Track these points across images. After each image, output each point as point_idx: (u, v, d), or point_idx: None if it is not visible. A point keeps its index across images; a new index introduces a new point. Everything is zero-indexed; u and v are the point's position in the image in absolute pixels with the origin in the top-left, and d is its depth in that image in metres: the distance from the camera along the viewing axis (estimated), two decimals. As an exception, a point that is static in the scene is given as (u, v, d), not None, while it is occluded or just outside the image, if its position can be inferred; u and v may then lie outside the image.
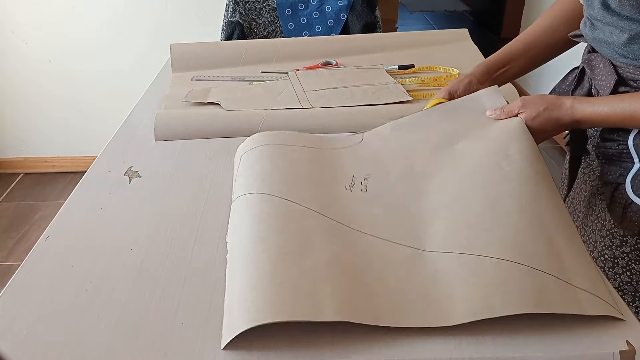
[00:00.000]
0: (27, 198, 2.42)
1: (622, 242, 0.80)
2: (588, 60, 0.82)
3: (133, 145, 0.93)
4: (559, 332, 0.53)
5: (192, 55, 1.26)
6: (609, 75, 0.77)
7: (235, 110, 1.01)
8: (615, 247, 0.81)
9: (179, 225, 0.71)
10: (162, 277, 0.62)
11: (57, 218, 0.74)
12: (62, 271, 0.64)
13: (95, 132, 2.48)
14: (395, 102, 1.02)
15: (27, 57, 2.34)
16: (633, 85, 0.75)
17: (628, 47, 0.73)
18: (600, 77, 0.78)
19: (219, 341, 0.53)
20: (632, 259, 0.80)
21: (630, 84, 0.75)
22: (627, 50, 0.73)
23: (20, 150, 2.56)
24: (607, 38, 0.76)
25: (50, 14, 2.26)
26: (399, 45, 1.32)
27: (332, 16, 1.77)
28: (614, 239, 0.81)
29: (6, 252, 2.08)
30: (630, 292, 0.82)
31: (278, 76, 1.20)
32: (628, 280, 0.81)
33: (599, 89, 0.78)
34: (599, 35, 0.77)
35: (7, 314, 0.58)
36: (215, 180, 0.81)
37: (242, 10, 1.76)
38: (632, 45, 0.72)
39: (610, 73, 0.76)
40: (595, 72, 0.79)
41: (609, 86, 0.76)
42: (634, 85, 0.74)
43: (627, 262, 0.80)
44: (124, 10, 2.27)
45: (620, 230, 0.79)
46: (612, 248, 0.81)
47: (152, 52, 2.30)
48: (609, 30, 0.75)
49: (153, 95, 1.15)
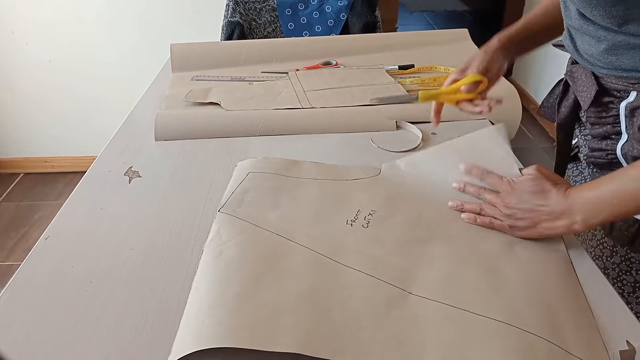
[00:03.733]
0: (27, 198, 2.42)
1: (612, 252, 0.78)
2: (570, 72, 0.80)
3: (133, 145, 0.93)
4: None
5: (192, 55, 1.26)
6: (590, 86, 0.74)
7: (235, 110, 1.01)
8: (605, 257, 0.79)
9: (179, 225, 0.71)
10: (162, 277, 0.62)
11: (57, 218, 0.74)
12: (62, 271, 0.64)
13: (96, 132, 2.48)
14: (395, 102, 1.02)
15: (27, 57, 2.34)
16: (616, 95, 0.72)
17: (605, 57, 0.70)
18: (582, 88, 0.76)
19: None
20: (623, 269, 0.78)
21: (613, 94, 0.72)
22: (605, 61, 0.70)
23: (21, 150, 2.56)
24: (585, 49, 0.74)
25: (50, 14, 2.26)
26: (399, 45, 1.32)
27: (332, 16, 1.77)
28: (604, 249, 0.79)
29: (6, 252, 2.08)
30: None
31: (278, 76, 1.20)
32: (619, 291, 0.79)
33: (581, 100, 0.76)
34: (578, 46, 0.75)
35: (7, 314, 0.58)
36: (215, 180, 0.81)
37: (242, 10, 1.76)
38: (609, 56, 0.69)
39: (591, 84, 0.74)
40: (577, 83, 0.77)
41: (590, 97, 0.74)
42: (617, 95, 0.72)
43: (618, 273, 0.78)
44: (124, 11, 2.27)
45: (611, 240, 0.78)
46: (603, 259, 0.80)
47: (152, 52, 2.30)
48: (587, 41, 0.72)
49: (153, 95, 1.15)
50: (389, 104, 0.76)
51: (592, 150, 0.78)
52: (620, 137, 0.73)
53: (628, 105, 0.70)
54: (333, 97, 1.06)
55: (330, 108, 1.02)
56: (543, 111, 0.92)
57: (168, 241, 0.68)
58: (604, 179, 0.61)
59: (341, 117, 0.98)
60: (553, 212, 0.63)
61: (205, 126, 0.96)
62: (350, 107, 1.02)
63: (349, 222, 0.68)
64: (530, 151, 2.62)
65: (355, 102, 1.03)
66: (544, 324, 0.53)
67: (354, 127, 0.96)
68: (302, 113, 1.00)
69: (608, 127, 0.74)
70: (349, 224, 0.68)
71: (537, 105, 2.85)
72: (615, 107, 0.73)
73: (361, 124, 0.96)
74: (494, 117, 0.97)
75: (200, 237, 0.68)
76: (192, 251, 0.66)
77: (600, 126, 0.76)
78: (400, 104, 1.01)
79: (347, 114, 0.99)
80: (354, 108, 1.01)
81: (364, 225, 0.68)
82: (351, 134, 0.94)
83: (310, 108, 1.02)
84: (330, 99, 1.05)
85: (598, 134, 0.77)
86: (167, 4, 2.27)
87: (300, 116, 0.99)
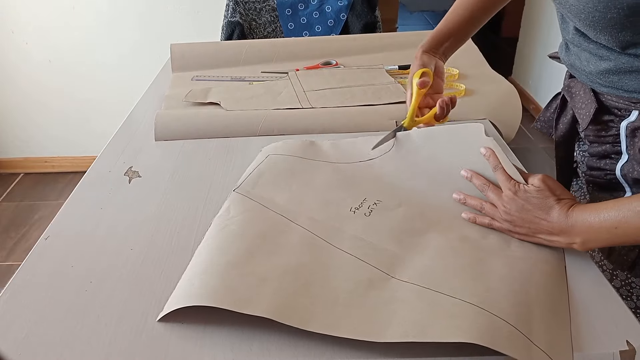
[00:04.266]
0: (27, 198, 2.42)
1: (612, 275, 0.75)
2: (568, 87, 0.77)
3: (133, 145, 0.93)
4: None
5: (192, 55, 1.26)
6: (588, 103, 0.71)
7: (235, 110, 1.01)
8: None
9: (179, 225, 0.71)
10: (162, 277, 0.62)
11: (57, 218, 0.74)
12: (62, 271, 0.64)
13: (96, 132, 2.48)
14: (395, 102, 1.02)
15: (27, 57, 2.34)
16: (617, 113, 0.69)
17: (606, 76, 0.67)
18: (580, 104, 0.73)
19: (218, 341, 0.53)
20: (623, 294, 0.74)
21: (613, 112, 0.69)
22: (606, 80, 0.67)
23: (21, 150, 2.56)
24: (584, 66, 0.70)
25: (50, 14, 2.26)
26: (399, 45, 1.32)
27: (332, 16, 1.77)
28: (604, 272, 0.76)
29: (6, 252, 2.08)
30: None
31: (278, 76, 1.20)
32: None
33: (579, 118, 0.73)
34: (575, 62, 0.72)
35: (7, 314, 0.58)
36: (215, 180, 0.81)
37: (242, 10, 1.76)
38: (611, 76, 0.66)
39: (590, 101, 0.71)
40: (575, 99, 0.74)
41: (589, 114, 0.71)
42: (618, 114, 0.69)
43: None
44: (124, 11, 2.27)
45: (610, 264, 0.75)
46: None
47: (152, 52, 2.30)
48: (586, 57, 0.69)
49: (153, 95, 1.15)
50: (384, 142, 0.77)
51: (590, 168, 0.76)
52: (620, 156, 0.70)
53: (629, 124, 0.68)
54: (333, 97, 1.06)
55: (330, 108, 1.02)
56: (539, 125, 0.88)
57: (168, 241, 0.68)
58: (608, 205, 0.58)
59: (341, 117, 0.98)
60: (553, 228, 0.61)
61: (205, 126, 0.96)
62: (350, 107, 1.02)
63: (353, 209, 0.71)
64: (530, 151, 2.62)
65: (355, 102, 1.03)
66: (515, 314, 0.53)
67: (354, 127, 0.96)
68: (302, 113, 1.00)
69: (607, 146, 0.72)
70: (352, 211, 0.70)
71: (537, 105, 2.84)
72: (615, 126, 0.70)
73: (361, 124, 0.96)
74: (495, 117, 0.97)
75: (200, 237, 0.68)
76: (192, 251, 0.66)
77: (599, 145, 0.73)
78: (400, 104, 1.01)
79: (347, 114, 0.99)
80: (354, 108, 1.01)
81: (366, 213, 0.70)
82: (351, 134, 0.94)
83: (310, 108, 1.02)
84: (330, 99, 1.05)
85: (597, 152, 0.74)
86: (167, 4, 2.27)
87: (300, 116, 0.99)
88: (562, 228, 0.61)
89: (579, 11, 0.62)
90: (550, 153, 2.54)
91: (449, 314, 0.53)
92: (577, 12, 0.63)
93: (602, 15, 0.60)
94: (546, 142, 2.65)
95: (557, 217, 0.61)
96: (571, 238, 0.61)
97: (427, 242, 0.65)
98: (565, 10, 0.66)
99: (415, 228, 0.67)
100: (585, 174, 0.78)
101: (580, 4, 0.61)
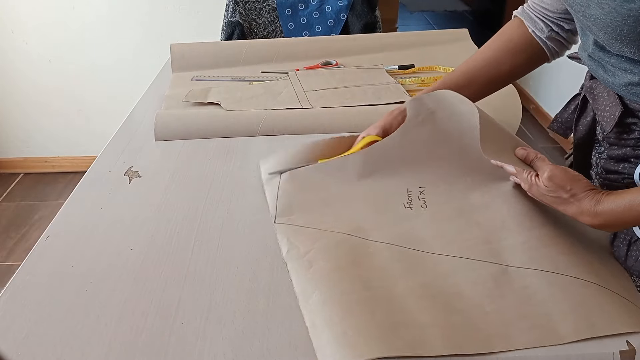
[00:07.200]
0: (27, 198, 2.42)
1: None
2: (590, 89, 0.74)
3: (133, 145, 0.93)
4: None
5: (192, 55, 1.26)
6: (613, 106, 0.69)
7: (235, 110, 1.01)
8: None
9: (179, 225, 0.71)
10: (162, 277, 0.62)
11: (57, 218, 0.74)
12: (62, 271, 0.64)
13: (96, 132, 2.48)
14: (395, 102, 1.02)
15: (27, 57, 2.34)
16: None
17: (631, 88, 0.65)
18: (604, 107, 0.70)
19: (218, 341, 0.53)
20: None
21: (637, 115, 0.67)
22: (630, 92, 0.65)
23: (21, 150, 2.56)
24: (605, 77, 0.68)
25: (50, 14, 2.26)
26: (399, 45, 1.32)
27: (332, 16, 1.77)
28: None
29: (6, 252, 2.08)
30: None
31: (278, 76, 1.20)
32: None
33: (602, 120, 0.71)
34: (598, 71, 0.69)
35: (7, 314, 0.58)
36: (215, 180, 0.81)
37: (242, 10, 1.76)
38: (634, 87, 0.64)
39: (615, 103, 0.68)
40: (598, 101, 0.72)
41: (614, 117, 0.68)
42: None
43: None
44: (124, 11, 2.27)
45: (624, 269, 0.72)
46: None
47: (152, 52, 2.30)
48: (609, 70, 0.67)
49: (153, 95, 1.15)
50: (389, 103, 0.75)
51: (607, 172, 0.73)
52: (639, 160, 0.69)
53: None
54: (333, 97, 1.06)
55: (330, 108, 1.02)
56: (555, 126, 0.85)
57: (168, 241, 0.68)
58: (630, 193, 0.60)
59: (341, 117, 0.98)
60: (575, 215, 0.63)
61: (205, 126, 0.96)
62: (350, 107, 1.02)
63: (407, 205, 0.68)
64: (530, 151, 2.61)
65: (355, 102, 1.03)
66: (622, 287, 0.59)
67: (354, 127, 0.96)
68: (302, 113, 1.00)
69: (628, 149, 0.70)
70: (407, 207, 0.68)
71: (537, 105, 2.84)
72: (638, 130, 0.68)
73: (361, 124, 0.96)
74: (495, 117, 0.97)
75: (200, 237, 0.68)
76: (192, 251, 0.66)
77: (619, 147, 0.71)
78: (399, 104, 1.01)
79: (347, 114, 0.99)
80: (354, 108, 1.01)
81: (422, 205, 0.68)
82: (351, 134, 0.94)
83: (310, 108, 1.02)
84: (330, 99, 1.05)
85: (616, 155, 0.71)
86: (167, 4, 2.27)
87: (300, 116, 0.99)
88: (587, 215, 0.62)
89: (605, 25, 0.61)
90: (550, 153, 2.54)
91: (596, 301, 0.55)
92: (602, 25, 0.61)
93: (631, 29, 0.58)
94: (546, 142, 2.65)
95: (575, 211, 0.63)
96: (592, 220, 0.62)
97: (495, 215, 0.64)
98: (589, 22, 0.64)
99: (475, 205, 0.66)
100: (600, 177, 0.76)
101: (608, 17, 0.60)
